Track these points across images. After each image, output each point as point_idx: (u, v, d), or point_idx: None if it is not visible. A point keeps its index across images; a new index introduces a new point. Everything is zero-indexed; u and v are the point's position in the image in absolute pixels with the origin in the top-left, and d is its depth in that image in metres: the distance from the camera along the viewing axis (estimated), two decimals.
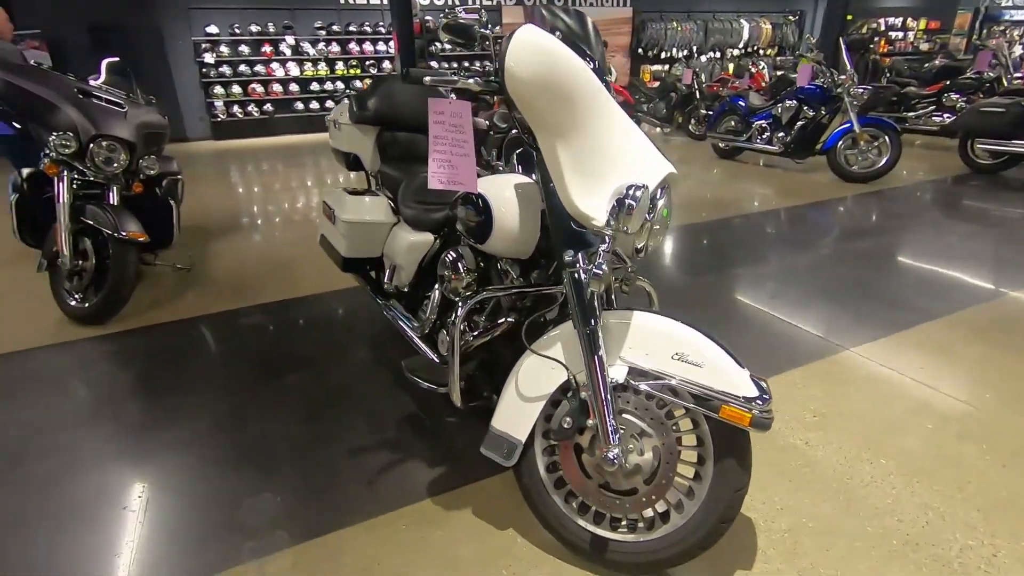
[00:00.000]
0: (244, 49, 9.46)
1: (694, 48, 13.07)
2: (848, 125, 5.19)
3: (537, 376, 1.32)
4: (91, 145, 2.62)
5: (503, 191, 1.41)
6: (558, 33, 1.25)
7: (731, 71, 10.00)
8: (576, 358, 1.25)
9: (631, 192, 1.11)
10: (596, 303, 1.23)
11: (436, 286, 1.74)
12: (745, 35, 13.54)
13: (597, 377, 1.20)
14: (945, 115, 6.47)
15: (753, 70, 8.51)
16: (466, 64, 10.86)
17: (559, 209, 1.21)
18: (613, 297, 1.46)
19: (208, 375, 2.25)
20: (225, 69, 9.42)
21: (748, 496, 1.50)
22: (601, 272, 1.15)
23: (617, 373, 1.24)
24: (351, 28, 10.01)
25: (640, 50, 12.67)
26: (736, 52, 13.50)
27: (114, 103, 2.78)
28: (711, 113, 6.87)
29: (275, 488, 1.62)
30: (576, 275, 1.22)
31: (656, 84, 9.22)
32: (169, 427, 1.91)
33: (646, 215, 1.21)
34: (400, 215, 2.06)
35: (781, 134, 5.69)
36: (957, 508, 1.47)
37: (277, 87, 9.79)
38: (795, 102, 5.60)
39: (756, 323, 2.55)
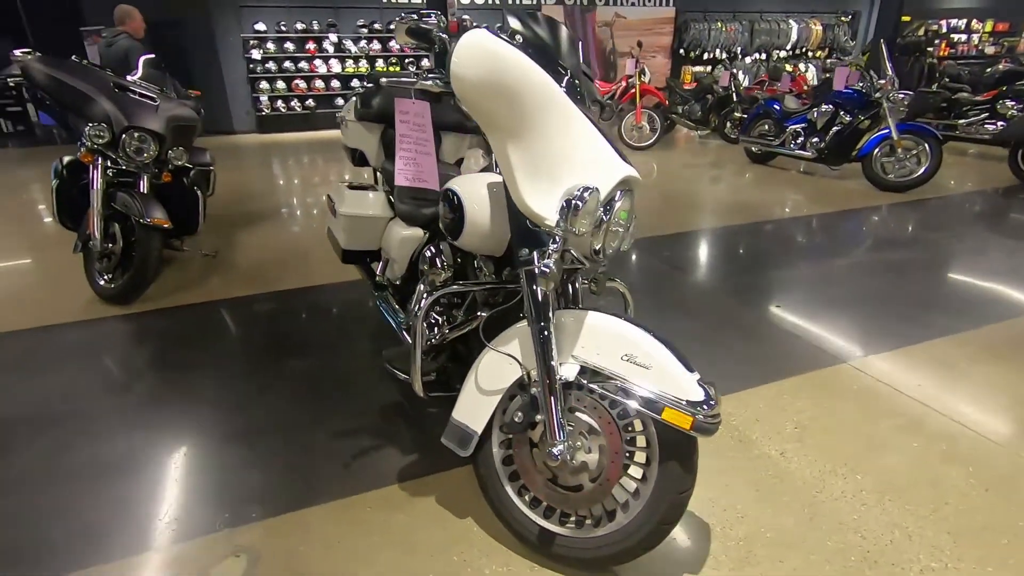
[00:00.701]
0: (289, 46, 9.80)
1: (738, 49, 12.76)
2: (886, 131, 4.99)
3: (495, 371, 1.36)
4: (123, 136, 2.80)
5: (477, 189, 1.45)
6: (519, 37, 1.28)
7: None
8: (531, 354, 1.28)
9: (580, 193, 1.14)
10: (549, 301, 1.25)
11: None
12: (793, 36, 13.13)
13: (546, 373, 1.23)
14: (998, 123, 6.13)
15: (794, 73, 8.25)
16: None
17: (514, 207, 1.24)
18: (579, 296, 1.48)
19: (216, 356, 2.38)
20: (271, 65, 9.78)
21: (710, 502, 1.52)
22: (547, 271, 1.18)
23: (568, 371, 1.27)
24: (392, 26, 10.21)
25: (682, 51, 12.46)
26: (783, 54, 13.11)
27: (147, 97, 2.96)
28: (746, 116, 6.71)
29: (258, 463, 1.71)
30: (530, 273, 1.25)
31: (696, 86, 9.06)
32: (172, 401, 2.04)
33: (602, 217, 1.23)
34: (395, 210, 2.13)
35: (815, 139, 5.52)
36: (927, 529, 1.43)
37: (319, 83, 10.09)
38: (831, 107, 5.42)
39: (758, 329, 2.51)
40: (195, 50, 9.59)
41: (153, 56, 3.28)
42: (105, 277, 2.89)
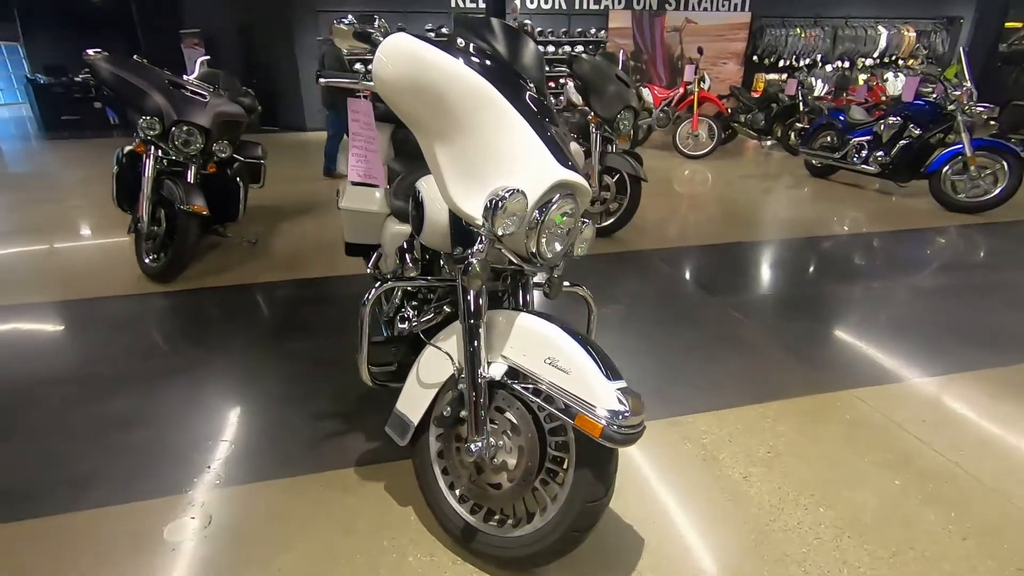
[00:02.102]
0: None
1: (818, 57, 12.09)
2: (959, 147, 4.60)
3: (433, 366, 1.40)
4: (173, 128, 3.06)
5: (435, 187, 1.49)
6: (471, 45, 1.31)
7: (849, 83, 9.12)
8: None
9: (503, 194, 1.15)
10: (478, 300, 1.28)
11: None
12: (882, 43, 12.28)
13: (469, 371, 1.26)
14: None
15: (871, 82, 7.72)
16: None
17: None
18: (528, 299, 1.49)
19: (232, 333, 2.56)
20: None
21: (651, 517, 1.48)
22: (471, 269, 1.20)
23: (496, 370, 1.28)
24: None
25: (755, 57, 11.96)
26: (868, 62, 12.29)
27: (198, 94, 3.22)
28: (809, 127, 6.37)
29: (233, 434, 1.84)
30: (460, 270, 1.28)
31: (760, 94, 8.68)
32: (180, 369, 2.22)
33: (536, 219, 1.23)
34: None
35: (880, 153, 5.16)
36: (881, 571, 1.33)
37: None
38: (899, 119, 5.04)
39: (762, 347, 2.40)
40: (276, 53, 10.25)
41: (208, 58, 3.57)
42: (150, 257, 3.17)
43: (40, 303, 2.90)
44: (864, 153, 5.33)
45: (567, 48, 10.74)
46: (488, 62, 1.28)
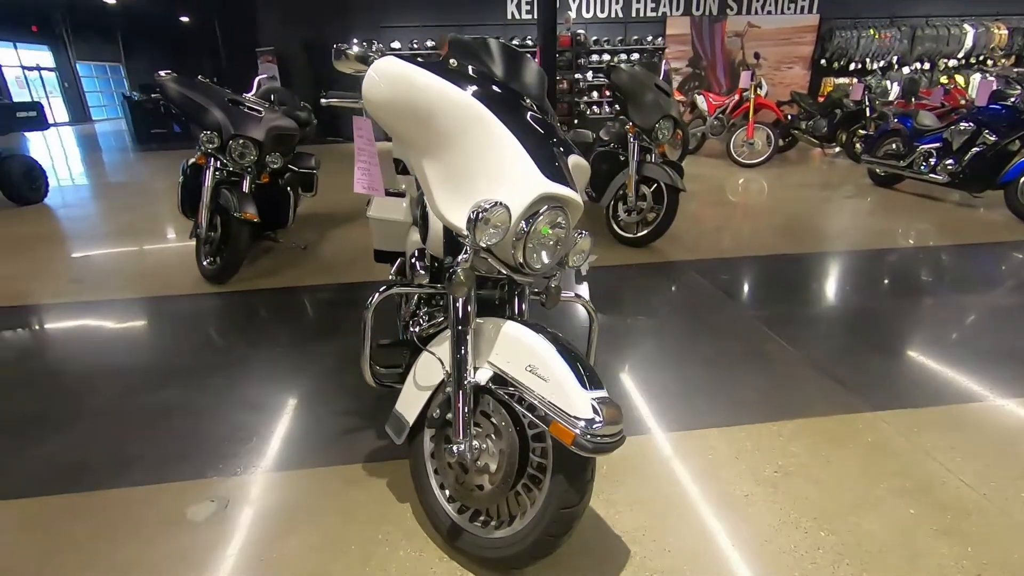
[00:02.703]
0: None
1: (894, 59, 11.41)
2: None
3: (428, 369, 1.46)
4: (230, 142, 3.31)
5: None
6: (463, 65, 1.37)
7: (930, 86, 8.55)
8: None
9: (483, 206, 1.20)
10: (466, 307, 1.33)
11: None
12: (968, 42, 11.43)
13: (455, 375, 1.32)
14: None
15: (948, 86, 7.22)
16: None
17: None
18: (525, 307, 1.54)
19: (274, 333, 2.74)
20: None
21: (642, 529, 1.48)
22: (455, 278, 1.26)
23: (482, 375, 1.33)
24: (514, 41, 10.64)
25: (823, 61, 11.44)
26: (952, 63, 11.47)
27: (254, 110, 3.47)
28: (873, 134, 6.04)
29: (260, 427, 1.98)
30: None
31: (823, 99, 8.30)
32: (225, 364, 2.40)
33: (523, 230, 1.27)
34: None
35: (950, 162, 4.83)
36: None
37: None
38: (972, 124, 4.70)
39: (791, 363, 2.32)
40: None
41: (266, 76, 3.83)
42: (207, 260, 3.44)
43: (112, 300, 3.21)
44: (932, 161, 5.01)
45: (622, 56, 10.68)
46: (478, 81, 1.34)
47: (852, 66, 11.42)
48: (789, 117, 7.86)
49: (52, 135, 14.94)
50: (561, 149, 1.42)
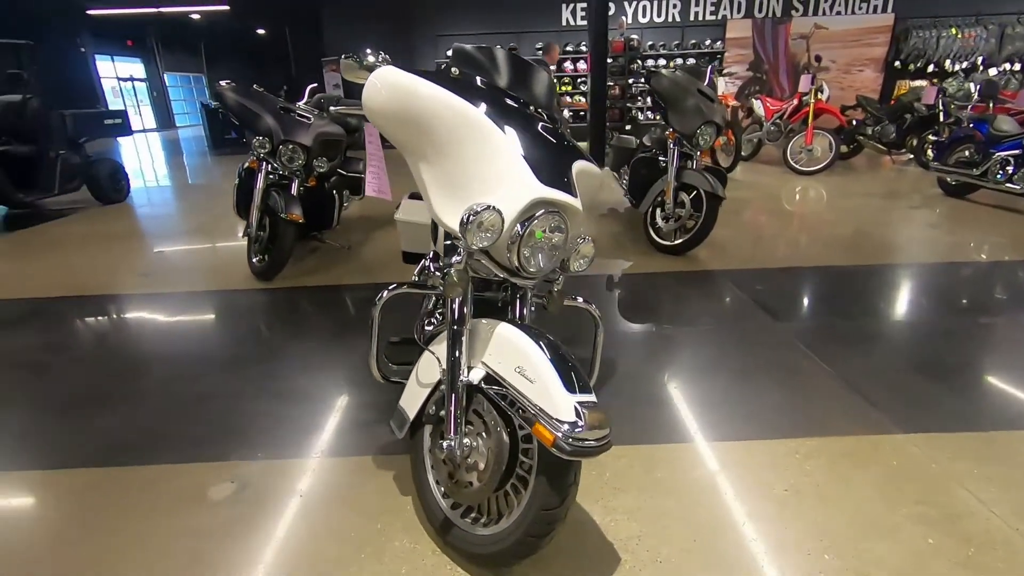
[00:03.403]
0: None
1: (979, 59, 10.61)
2: None
3: (428, 367, 1.51)
4: (280, 147, 3.51)
5: None
6: (463, 74, 1.41)
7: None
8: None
9: (475, 209, 1.24)
10: (461, 307, 1.37)
11: None
12: None
13: (449, 373, 1.36)
14: None
15: None
16: None
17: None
18: (526, 310, 1.56)
19: (310, 328, 2.88)
20: None
21: (636, 539, 1.47)
22: (448, 279, 1.30)
23: (475, 375, 1.37)
24: (568, 48, 10.66)
25: (897, 63, 10.79)
26: None
27: (304, 118, 3.67)
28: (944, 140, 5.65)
29: (286, 415, 2.08)
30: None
31: (892, 103, 7.83)
32: (263, 356, 2.55)
33: (518, 233, 1.29)
34: None
35: None
36: None
37: None
38: None
39: (821, 379, 2.22)
40: None
41: (316, 85, 4.03)
42: (257, 258, 3.65)
43: (170, 293, 3.47)
44: (1010, 169, 4.63)
45: (678, 61, 10.48)
46: (478, 89, 1.38)
47: (930, 68, 10.70)
48: (854, 122, 7.47)
49: (140, 140, 16.24)
50: (566, 155, 1.44)
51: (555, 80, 1.70)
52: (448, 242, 1.51)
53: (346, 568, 1.42)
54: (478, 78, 1.44)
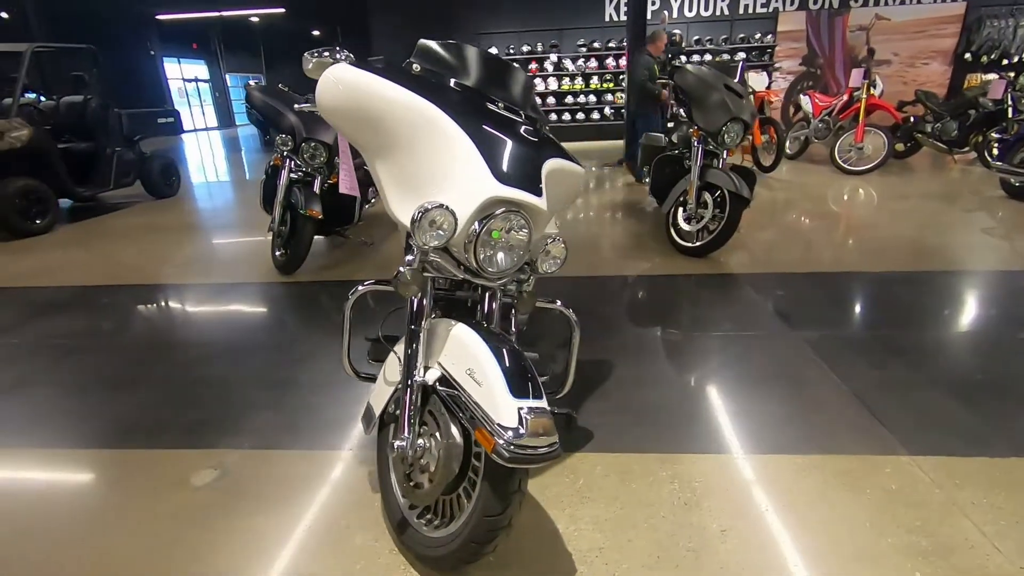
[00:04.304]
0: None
1: None
2: None
3: (393, 366, 1.51)
4: (302, 144, 3.60)
5: None
6: (423, 70, 1.39)
7: None
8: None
9: (425, 207, 1.22)
10: (419, 306, 1.36)
11: None
12: None
13: (404, 373, 1.35)
14: None
15: None
16: None
17: None
18: (491, 313, 1.53)
19: (320, 321, 2.95)
20: None
21: (597, 551, 1.43)
22: (400, 277, 1.28)
23: (431, 375, 1.35)
24: (611, 44, 10.48)
25: (968, 55, 10.04)
26: None
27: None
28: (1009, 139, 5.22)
29: (277, 406, 2.14)
30: None
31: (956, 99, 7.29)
32: (271, 346, 2.63)
33: (475, 231, 1.27)
34: None
35: None
36: None
37: (536, 100, 10.88)
38: None
39: (828, 392, 2.08)
40: None
41: None
42: (279, 252, 3.76)
43: (198, 284, 3.63)
44: None
45: (725, 56, 10.12)
46: (437, 86, 1.36)
47: (1007, 60, 9.91)
48: (912, 119, 7.00)
49: (203, 137, 17.09)
50: (536, 153, 1.40)
51: (530, 81, 1.64)
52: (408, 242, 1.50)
53: (303, 559, 1.44)
54: (445, 76, 1.42)
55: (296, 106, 1.61)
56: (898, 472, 1.66)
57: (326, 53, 1.36)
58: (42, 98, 6.12)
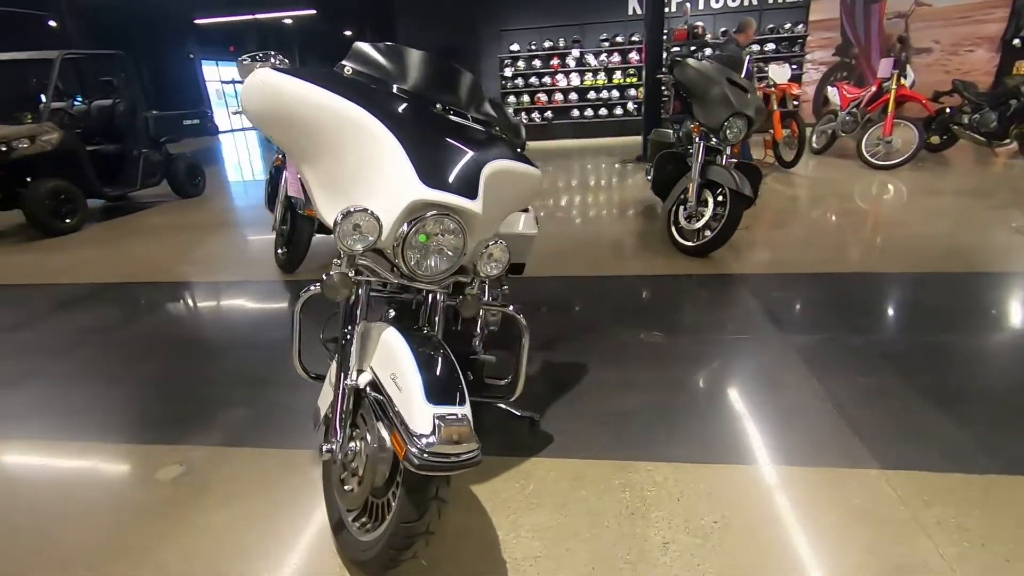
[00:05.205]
0: (536, 63, 10.75)
1: None
2: None
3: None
4: None
5: None
6: (353, 72, 1.38)
7: None
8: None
9: (349, 210, 1.21)
10: (352, 310, 1.37)
11: None
12: None
13: (336, 375, 1.35)
14: None
15: None
16: None
17: None
18: (435, 317, 1.52)
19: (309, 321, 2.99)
20: (519, 81, 10.89)
21: (532, 560, 1.41)
22: (328, 280, 1.28)
23: (363, 379, 1.35)
24: (634, 38, 10.30)
25: (1017, 41, 9.45)
26: None
27: None
28: None
29: (257, 403, 2.18)
30: None
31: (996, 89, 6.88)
32: (257, 344, 2.69)
33: (403, 234, 1.26)
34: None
35: None
36: None
37: (558, 96, 10.82)
38: None
39: (806, 401, 2.00)
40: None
41: None
42: (280, 250, 3.84)
43: (203, 281, 3.74)
44: None
45: (754, 48, 9.82)
46: (366, 89, 1.35)
47: None
48: (948, 110, 6.64)
49: (239, 138, 17.61)
50: (476, 156, 1.38)
51: (476, 83, 1.62)
52: None
53: (245, 555, 1.46)
54: (380, 79, 1.41)
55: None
56: (864, 487, 1.58)
57: (258, 58, 1.37)
58: (76, 102, 6.41)
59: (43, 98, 5.63)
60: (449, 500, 1.23)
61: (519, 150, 2.53)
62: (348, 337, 1.36)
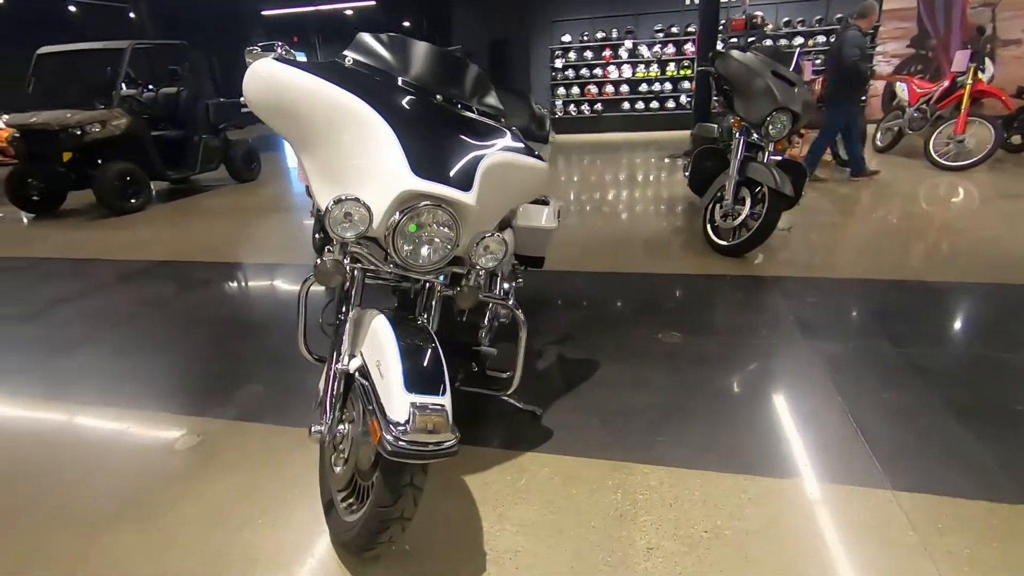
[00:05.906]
0: (588, 54, 10.59)
1: None
2: None
3: None
4: None
5: None
6: (354, 63, 1.40)
7: None
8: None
9: (340, 198, 1.24)
10: (347, 296, 1.40)
11: None
12: None
13: (329, 360, 1.39)
14: None
15: None
16: None
17: None
18: (432, 303, 1.54)
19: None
20: (570, 72, 10.76)
21: (513, 553, 1.42)
22: (320, 267, 1.32)
23: (353, 364, 1.38)
24: (690, 28, 9.98)
25: None
26: None
27: None
28: None
29: (275, 381, 2.27)
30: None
31: None
32: (286, 323, 2.80)
33: (394, 223, 1.28)
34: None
35: None
36: None
37: (609, 88, 10.62)
38: None
39: (822, 411, 1.90)
40: (514, 62, 11.28)
41: None
42: (318, 235, 3.95)
43: (238, 263, 3.91)
44: None
45: (819, 39, 9.31)
46: (366, 80, 1.37)
47: None
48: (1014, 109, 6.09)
49: None
50: (475, 148, 1.38)
51: (483, 75, 1.60)
52: None
53: (241, 526, 1.53)
54: (382, 70, 1.42)
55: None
56: (872, 508, 1.49)
57: (265, 48, 1.41)
58: (146, 90, 6.81)
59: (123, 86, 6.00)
60: (424, 488, 1.24)
61: (546, 142, 2.51)
62: (341, 322, 1.39)
